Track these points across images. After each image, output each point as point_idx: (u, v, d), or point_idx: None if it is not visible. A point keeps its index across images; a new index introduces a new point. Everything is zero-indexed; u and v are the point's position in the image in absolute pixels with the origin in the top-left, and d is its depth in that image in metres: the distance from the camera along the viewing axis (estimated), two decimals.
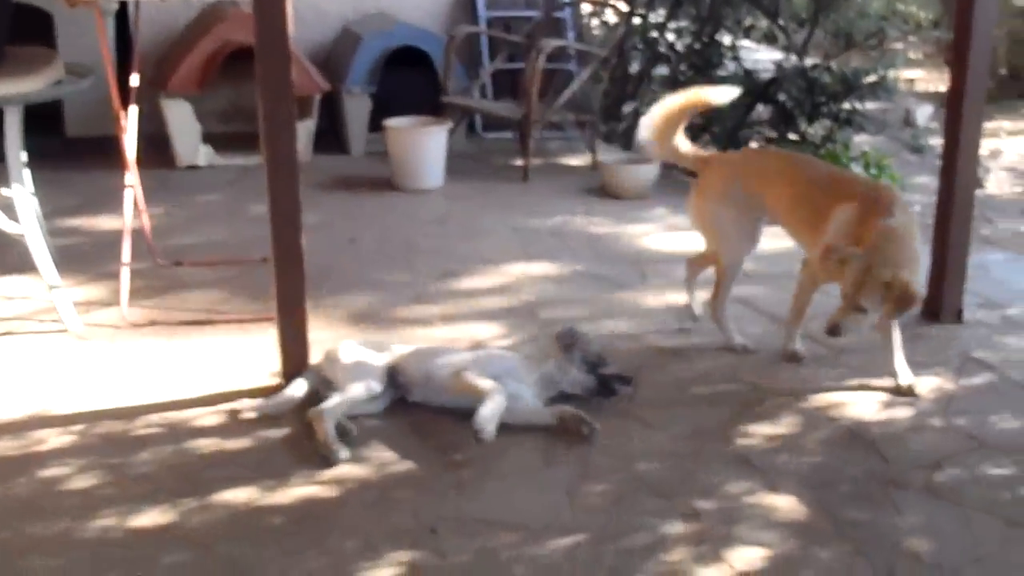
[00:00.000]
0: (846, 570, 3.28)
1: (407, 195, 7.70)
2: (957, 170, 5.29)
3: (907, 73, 12.41)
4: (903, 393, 4.53)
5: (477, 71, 9.34)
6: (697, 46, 8.79)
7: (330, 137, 8.80)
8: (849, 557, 3.35)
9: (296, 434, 4.09)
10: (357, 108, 8.69)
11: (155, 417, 4.22)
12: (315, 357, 4.47)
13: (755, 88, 8.52)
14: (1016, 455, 4.03)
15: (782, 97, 8.46)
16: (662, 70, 9.26)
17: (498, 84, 9.50)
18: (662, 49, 9.11)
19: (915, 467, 3.93)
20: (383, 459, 3.93)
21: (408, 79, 8.76)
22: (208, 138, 8.30)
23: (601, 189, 7.89)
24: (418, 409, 4.33)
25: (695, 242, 6.54)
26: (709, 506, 3.62)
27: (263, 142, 4.24)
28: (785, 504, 3.64)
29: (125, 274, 5.31)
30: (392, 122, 7.87)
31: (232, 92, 8.50)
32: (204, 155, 8.26)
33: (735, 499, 3.67)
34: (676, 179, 8.58)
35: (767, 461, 3.93)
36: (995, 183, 11.16)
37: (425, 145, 7.82)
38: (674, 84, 8.87)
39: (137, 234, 5.58)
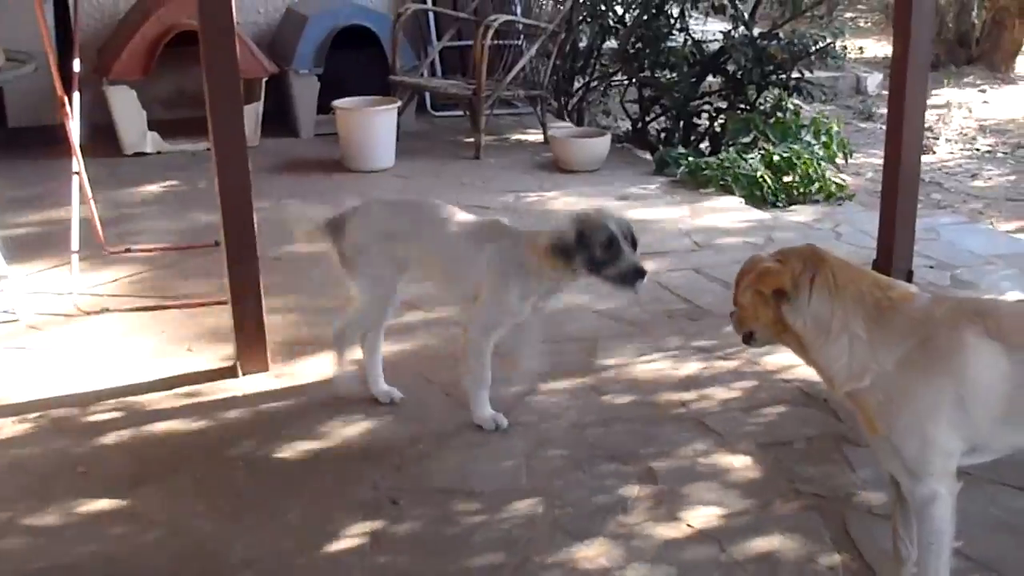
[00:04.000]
0: (800, 525, 3.37)
1: (359, 176, 7.71)
2: (903, 136, 5.40)
3: (856, 41, 12.56)
4: None
5: (425, 49, 9.37)
6: (645, 18, 8.84)
7: (278, 120, 8.78)
8: (803, 512, 3.44)
9: (255, 414, 4.15)
10: (305, 90, 8.70)
11: (111, 402, 4.25)
12: (269, 340, 4.51)
13: (704, 59, 8.63)
14: None
15: (731, 67, 8.56)
16: (611, 43, 9.31)
17: (447, 62, 9.54)
18: (611, 22, 9.17)
19: None
20: (344, 435, 3.99)
21: (356, 59, 8.75)
22: (154, 125, 8.28)
23: (553, 164, 7.96)
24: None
25: (649, 213, 6.65)
26: (665, 468, 3.70)
27: (211, 127, 4.26)
28: (740, 463, 3.74)
29: (74, 262, 5.32)
30: (341, 103, 7.88)
31: (177, 77, 8.46)
32: (151, 142, 8.24)
33: (691, 460, 3.76)
34: (626, 152, 8.69)
35: (722, 423, 4.02)
36: (945, 149, 11.34)
37: (375, 125, 7.85)
38: (624, 57, 8.96)
39: (85, 223, 5.57)
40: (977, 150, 11.39)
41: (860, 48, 14.94)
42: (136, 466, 3.77)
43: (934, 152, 11.08)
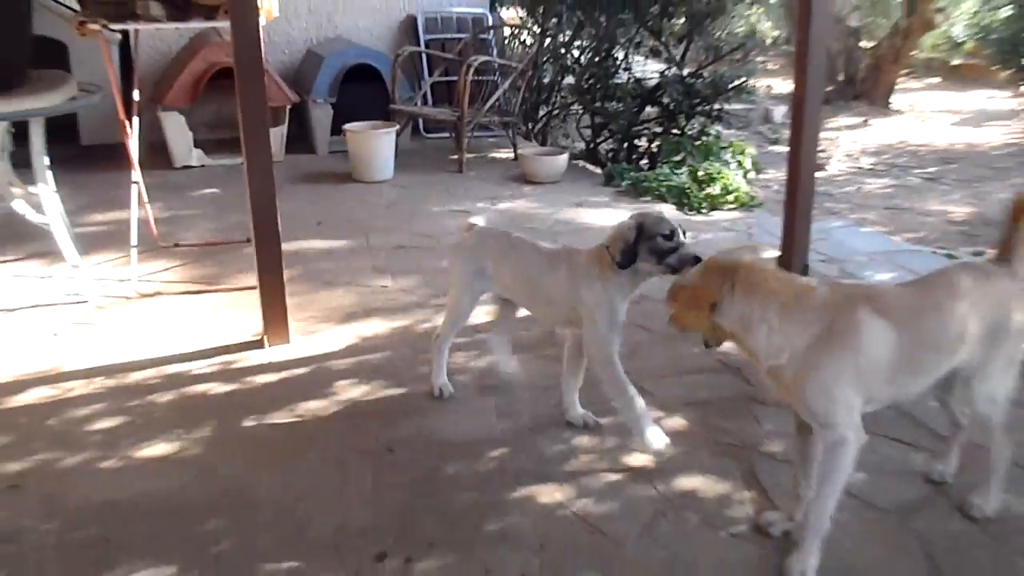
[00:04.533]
0: (718, 469, 3.36)
1: (364, 185, 7.67)
2: (801, 156, 5.38)
3: (765, 80, 12.56)
4: None
5: (419, 83, 9.32)
6: (596, 59, 8.82)
7: (300, 140, 8.75)
8: (720, 458, 3.44)
9: (278, 379, 4.10)
10: (321, 115, 8.65)
11: (161, 369, 4.20)
12: (291, 318, 4.47)
13: (644, 93, 8.61)
14: None
15: (666, 100, 8.55)
16: (569, 79, 9.29)
17: (436, 94, 9.49)
18: (569, 62, 9.15)
19: None
20: (351, 396, 3.94)
21: (362, 91, 8.72)
22: (199, 143, 8.22)
23: (522, 176, 7.93)
24: (377, 350, 4.36)
25: (599, 216, 6.62)
26: (610, 423, 3.68)
27: (244, 145, 4.21)
28: (670, 419, 3.72)
29: (133, 255, 5.26)
30: (350, 126, 7.83)
31: (217, 105, 8.37)
32: (196, 157, 8.17)
33: None
34: (580, 168, 8.67)
35: (656, 386, 4.00)
36: (836, 167, 11.39)
37: (378, 144, 7.79)
38: (580, 91, 8.93)
39: (142, 223, 5.51)
40: (861, 168, 11.45)
41: (769, 86, 14.95)
42: (180, 420, 3.72)
43: (827, 169, 11.12)
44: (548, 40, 9.33)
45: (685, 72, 8.64)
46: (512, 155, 8.64)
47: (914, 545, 2.91)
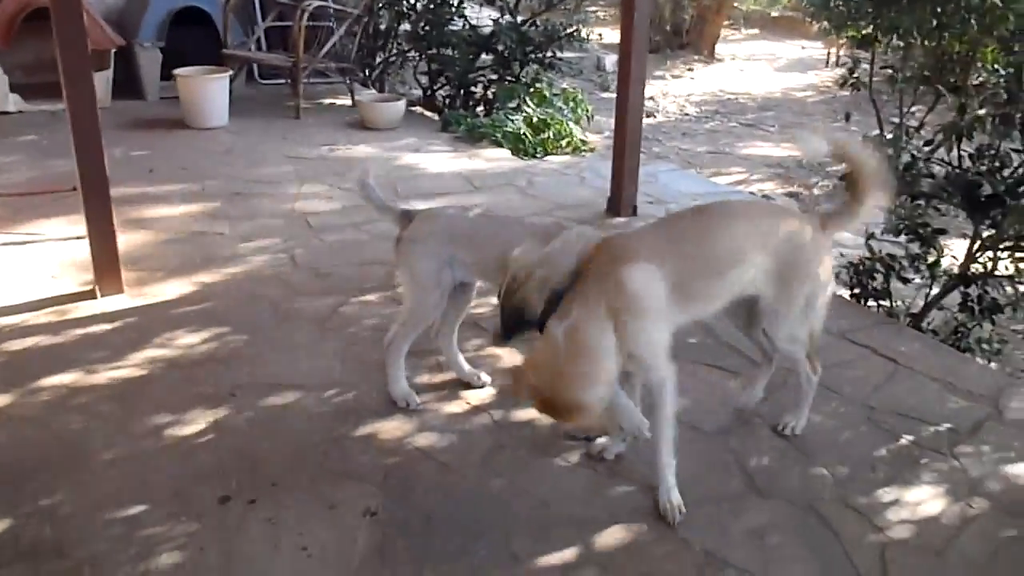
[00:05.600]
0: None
1: (197, 132, 7.38)
2: (629, 104, 5.55)
3: (597, 29, 12.74)
4: None
5: (252, 28, 8.99)
6: (432, 6, 8.73)
7: (127, 86, 8.29)
8: None
9: (112, 329, 3.95)
10: (149, 60, 8.24)
11: None
12: (123, 268, 4.30)
13: (479, 40, 8.58)
14: None
15: (500, 47, 8.55)
16: (405, 26, 9.17)
17: (271, 39, 9.20)
18: (404, 9, 9.02)
19: None
20: (188, 343, 3.84)
21: (192, 35, 8.33)
22: (15, 88, 7.67)
23: (360, 123, 7.82)
24: (215, 298, 4.26)
25: (437, 162, 6.62)
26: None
27: (64, 88, 3.98)
28: (507, 355, 3.78)
29: None
30: (181, 71, 7.49)
31: (35, 47, 7.82)
32: (13, 102, 7.64)
33: (471, 353, 3.78)
34: (417, 114, 8.62)
35: (493, 324, 4.07)
36: (664, 113, 11.73)
37: (210, 90, 7.50)
38: (416, 37, 8.84)
39: None
40: (687, 115, 11.84)
41: (600, 34, 15.15)
42: (9, 374, 3.53)
43: (655, 116, 11.45)
44: None
45: (519, 20, 8.66)
46: (349, 102, 8.49)
47: (731, 461, 3.12)
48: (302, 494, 2.87)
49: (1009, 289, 4.41)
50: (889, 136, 4.98)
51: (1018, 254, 4.35)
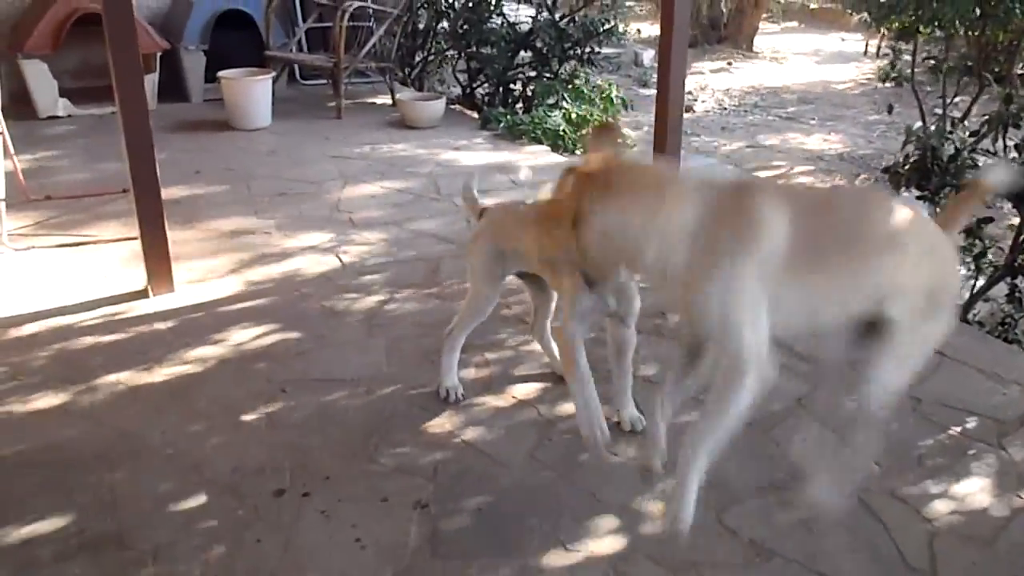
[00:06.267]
0: (599, 394, 3.49)
1: (241, 133, 7.49)
2: (669, 98, 5.53)
3: (635, 24, 12.75)
4: None
5: (293, 29, 9.10)
6: (470, 5, 8.79)
7: (171, 89, 8.42)
8: (599, 384, 3.55)
9: (166, 328, 4.05)
10: (193, 63, 8.37)
11: (43, 323, 4.08)
12: (174, 267, 4.40)
13: (517, 37, 8.63)
14: None
15: (539, 44, 8.60)
16: (444, 25, 9.24)
17: (312, 40, 9.29)
18: (443, 7, 9.09)
19: (646, 317, 4.18)
20: (240, 340, 3.93)
21: (235, 37, 8.45)
22: (64, 92, 7.84)
23: (400, 121, 7.89)
24: (264, 296, 4.35)
25: (477, 159, 6.67)
26: (496, 356, 3.79)
27: (116, 91, 4.07)
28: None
29: (2, 208, 5.03)
30: (225, 73, 7.60)
31: (83, 52, 7.99)
32: (62, 107, 7.81)
33: (515, 350, 3.85)
34: (457, 112, 8.67)
35: None
36: (702, 108, 11.69)
37: (254, 91, 7.61)
38: (455, 36, 8.90)
39: (9, 175, 5.25)
40: (725, 109, 11.79)
41: (638, 30, 15.19)
42: (66, 372, 3.64)
43: (694, 111, 11.42)
44: None
45: (557, 16, 8.69)
46: (390, 101, 8.57)
47: (775, 451, 3.13)
48: (354, 487, 2.94)
49: None
50: (932, 127, 4.95)
51: None
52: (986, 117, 4.64)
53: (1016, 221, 4.51)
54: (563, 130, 7.47)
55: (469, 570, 2.57)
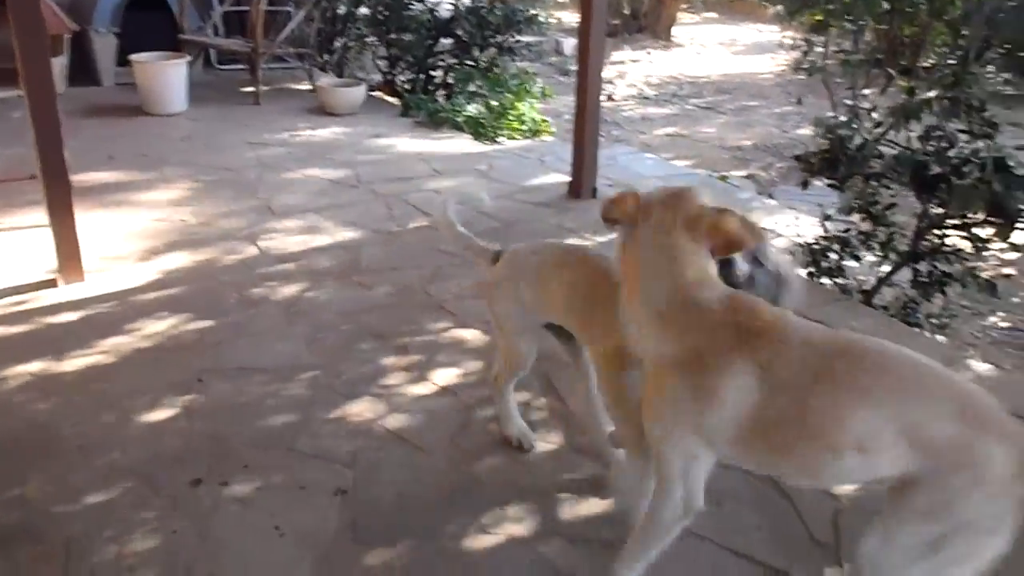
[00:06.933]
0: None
1: (156, 119, 7.34)
2: (588, 87, 5.61)
3: (555, 12, 12.79)
4: None
5: (209, 13, 8.93)
6: None
7: (82, 72, 8.20)
8: None
9: (76, 317, 3.96)
10: (104, 46, 8.17)
11: None
12: (85, 256, 4.30)
13: (438, 25, 8.60)
14: None
15: (459, 31, 8.58)
16: (364, 10, 9.16)
17: (228, 24, 9.14)
18: None
19: None
20: (154, 330, 3.86)
21: (148, 20, 8.27)
22: None
23: (320, 108, 7.82)
24: (180, 284, 4.27)
25: (398, 147, 6.65)
26: (415, 342, 3.80)
27: (22, 74, 3.96)
28: (471, 336, 3.87)
29: None
30: (138, 57, 7.44)
31: None
32: None
33: (435, 336, 3.87)
34: (378, 99, 8.62)
35: (459, 307, 4.14)
36: (622, 97, 11.80)
37: (168, 76, 7.45)
38: (374, 22, 8.83)
39: None
40: (645, 98, 11.92)
41: (558, 18, 15.24)
42: None
43: (613, 99, 11.52)
44: None
45: (478, 3, 8.68)
46: (309, 87, 8.48)
47: None
48: (273, 476, 2.92)
49: (957, 265, 4.56)
50: (843, 118, 5.10)
51: (964, 231, 4.50)
52: (890, 109, 4.79)
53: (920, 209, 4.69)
54: (484, 118, 7.48)
55: (389, 555, 2.59)
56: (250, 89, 8.05)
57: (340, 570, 2.54)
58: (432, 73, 8.88)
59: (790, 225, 6.36)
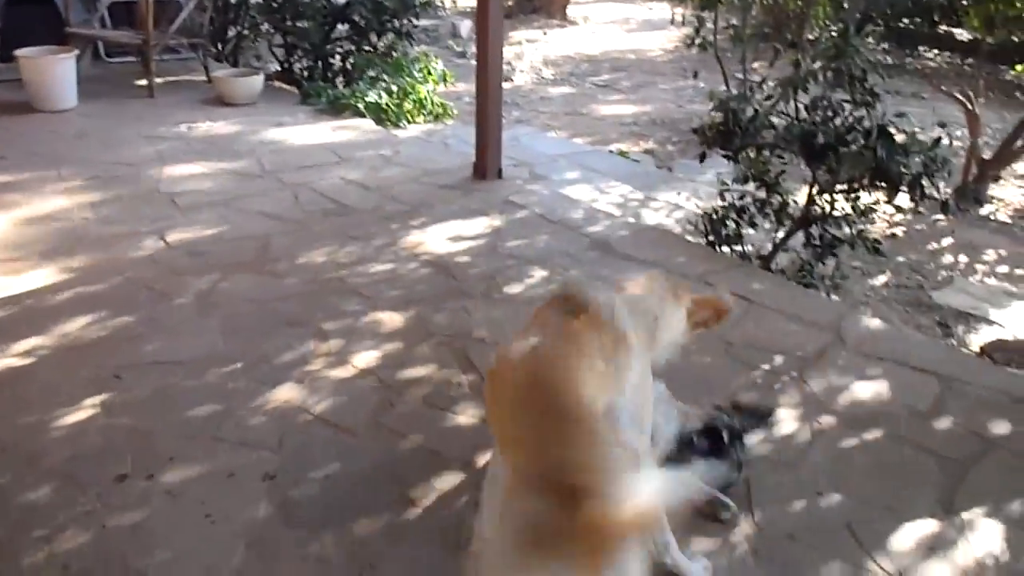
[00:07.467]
0: (437, 358, 3.62)
1: (45, 115, 7.12)
2: (488, 69, 5.70)
3: None
4: None
5: (95, 4, 8.67)
6: None
7: None
8: (437, 348, 3.70)
9: None
10: None
11: None
12: None
13: (334, 11, 8.55)
14: (544, 262, 4.57)
15: (356, 17, 8.55)
16: None
17: (115, 16, 8.86)
18: None
19: (477, 280, 4.36)
20: (65, 330, 3.80)
21: (32, 13, 8.01)
22: None
23: (217, 99, 7.71)
24: (87, 283, 4.22)
25: (300, 135, 6.63)
26: (334, 327, 3.84)
27: None
28: (388, 319, 3.93)
29: None
30: (24, 52, 7.20)
31: None
32: None
33: (353, 319, 3.92)
34: (276, 88, 8.54)
35: (374, 291, 4.20)
36: (521, 78, 11.92)
37: (56, 70, 7.23)
38: (268, 10, 8.73)
39: None
40: (543, 78, 12.07)
41: (454, 1, 15.27)
42: None
43: (513, 80, 11.63)
44: None
45: None
46: (204, 78, 8.34)
47: None
48: (200, 465, 2.95)
49: (847, 229, 4.82)
50: (735, 92, 5.31)
51: (851, 195, 4.76)
52: (778, 81, 5.01)
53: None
54: (386, 104, 7.50)
55: (322, 535, 2.66)
56: (143, 82, 7.88)
57: (274, 553, 2.60)
58: (330, 60, 8.83)
59: (690, 197, 6.58)
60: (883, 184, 4.54)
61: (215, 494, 2.82)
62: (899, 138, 4.42)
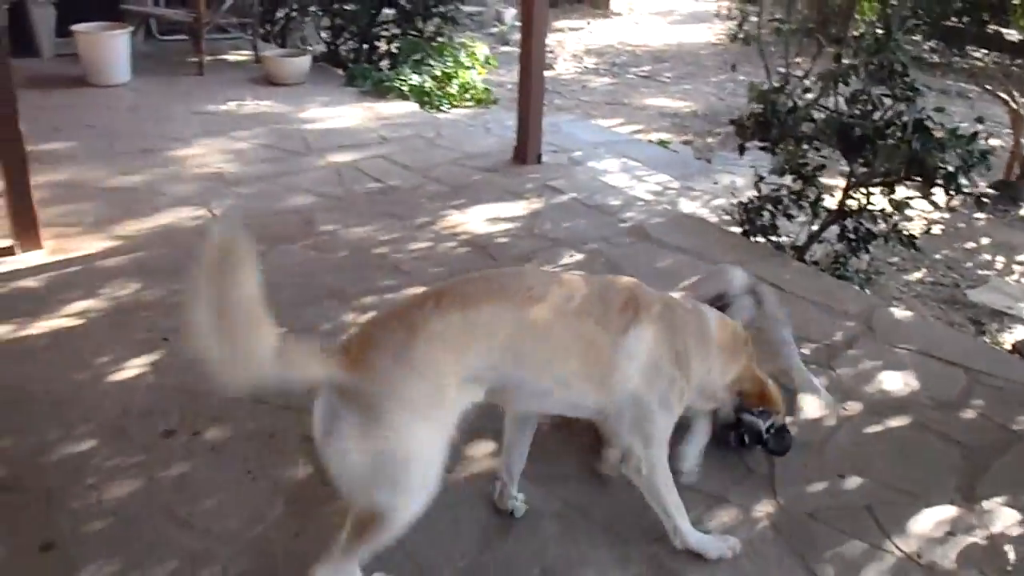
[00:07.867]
0: None
1: (100, 90, 7.32)
2: (532, 56, 5.77)
3: None
4: None
5: None
6: None
7: (19, 43, 8.08)
8: None
9: (37, 283, 4.03)
10: (43, 16, 8.06)
11: None
12: (42, 224, 4.36)
13: None
14: (580, 246, 4.64)
15: (402, 1, 8.65)
16: None
17: None
18: None
19: (514, 261, 4.44)
20: (117, 294, 3.95)
21: None
22: None
23: (264, 78, 7.85)
24: (138, 249, 4.36)
25: (345, 116, 6.74)
26: (371, 300, 3.95)
27: None
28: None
29: None
30: (80, 27, 7.39)
31: None
32: None
33: (393, 293, 4.02)
34: (323, 69, 8.66)
35: (414, 267, 4.30)
36: (562, 66, 11.96)
37: (111, 46, 7.43)
38: None
39: None
40: (586, 67, 12.11)
41: None
42: None
43: (555, 68, 11.68)
44: None
45: None
46: (253, 57, 8.49)
47: None
48: (243, 425, 3.07)
49: (882, 224, 4.84)
50: (776, 84, 5.34)
51: (887, 189, 4.78)
52: (819, 75, 5.04)
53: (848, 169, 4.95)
54: (430, 87, 7.60)
55: None
56: (193, 59, 8.05)
57: (311, 510, 2.71)
58: (376, 43, 8.94)
59: (728, 188, 6.62)
60: (918, 177, 4.56)
61: (256, 452, 2.94)
62: (937, 134, 4.44)
